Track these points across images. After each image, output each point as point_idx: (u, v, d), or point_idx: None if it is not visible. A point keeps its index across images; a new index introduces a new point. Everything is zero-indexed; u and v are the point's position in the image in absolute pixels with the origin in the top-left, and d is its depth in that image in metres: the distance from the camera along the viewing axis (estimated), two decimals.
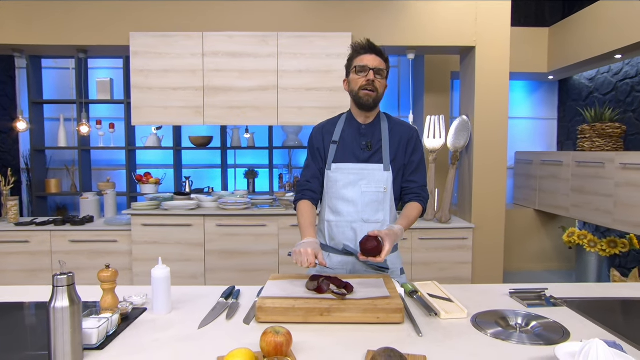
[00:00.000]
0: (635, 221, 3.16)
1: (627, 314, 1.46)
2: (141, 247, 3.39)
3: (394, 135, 1.71)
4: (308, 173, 1.75)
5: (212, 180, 4.86)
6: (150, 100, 3.43)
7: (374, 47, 1.65)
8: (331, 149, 1.70)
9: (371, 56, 1.63)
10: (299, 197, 1.73)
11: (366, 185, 1.65)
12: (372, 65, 1.62)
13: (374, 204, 1.66)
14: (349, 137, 1.70)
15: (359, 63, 1.63)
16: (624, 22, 3.45)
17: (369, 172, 1.66)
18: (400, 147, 1.70)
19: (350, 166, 1.67)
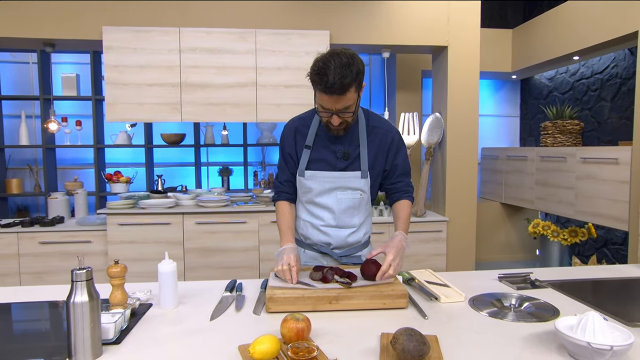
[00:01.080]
0: (594, 211, 3.40)
1: (604, 292, 1.60)
2: (117, 247, 3.31)
3: (372, 139, 1.59)
4: (282, 176, 1.66)
5: (185, 178, 4.78)
6: (125, 97, 3.35)
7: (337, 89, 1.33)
8: (304, 153, 1.57)
9: (332, 98, 1.36)
10: (276, 197, 1.68)
11: (342, 193, 1.58)
12: (335, 108, 1.40)
13: (350, 210, 1.60)
14: (323, 143, 1.57)
15: (321, 102, 1.41)
16: (582, 26, 3.69)
17: (346, 180, 1.57)
18: (380, 153, 1.60)
19: (325, 174, 1.57)
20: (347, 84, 1.34)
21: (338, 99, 1.37)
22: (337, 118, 1.43)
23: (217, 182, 4.72)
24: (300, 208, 1.68)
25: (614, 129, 3.92)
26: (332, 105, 1.40)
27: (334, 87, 1.33)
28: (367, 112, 1.63)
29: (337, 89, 1.34)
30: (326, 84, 1.33)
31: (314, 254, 1.69)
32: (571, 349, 1.00)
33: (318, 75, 1.35)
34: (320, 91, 1.38)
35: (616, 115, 3.90)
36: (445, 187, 3.75)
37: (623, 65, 3.82)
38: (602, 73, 4.05)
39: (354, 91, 1.39)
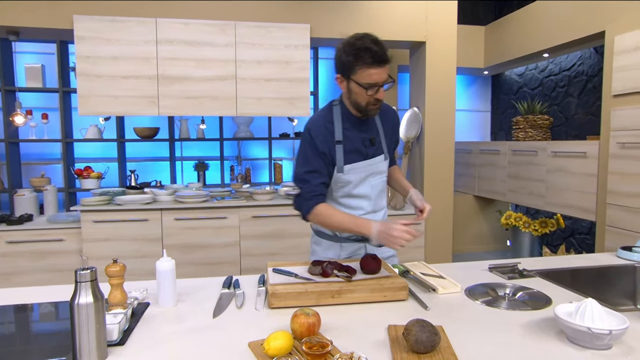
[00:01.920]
0: (563, 203, 3.56)
1: (585, 280, 1.68)
2: (92, 245, 3.20)
3: (385, 123, 1.70)
4: (317, 178, 1.58)
5: (159, 173, 4.66)
6: (98, 89, 3.22)
7: (382, 56, 1.41)
8: (337, 149, 1.58)
9: (381, 69, 1.42)
10: (313, 202, 1.57)
11: (374, 178, 1.65)
12: (382, 79, 1.45)
13: (381, 194, 1.70)
14: (352, 135, 1.60)
15: (368, 80, 1.44)
16: (552, 25, 3.83)
17: (376, 165, 1.65)
18: (390, 132, 1.74)
19: (361, 164, 1.62)
20: (389, 56, 1.44)
21: (385, 69, 1.45)
22: (383, 92, 1.49)
23: (193, 177, 4.63)
24: (333, 205, 1.64)
25: (580, 124, 4.10)
26: (380, 77, 1.44)
27: (383, 57, 1.41)
28: None
29: (385, 58, 1.42)
30: (375, 54, 1.40)
31: (353, 247, 1.70)
32: (571, 334, 1.05)
33: (365, 51, 1.40)
34: (369, 65, 1.42)
35: (582, 110, 4.08)
36: (423, 180, 3.82)
37: (589, 63, 4.00)
38: (569, 70, 4.22)
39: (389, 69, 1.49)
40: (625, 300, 1.71)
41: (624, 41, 2.99)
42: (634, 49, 2.91)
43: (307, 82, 3.53)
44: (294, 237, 3.47)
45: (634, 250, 1.80)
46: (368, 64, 1.42)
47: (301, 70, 3.49)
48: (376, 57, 1.40)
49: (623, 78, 2.99)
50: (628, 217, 2.94)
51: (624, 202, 2.97)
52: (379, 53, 1.40)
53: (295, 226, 3.46)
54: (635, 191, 2.88)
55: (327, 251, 1.72)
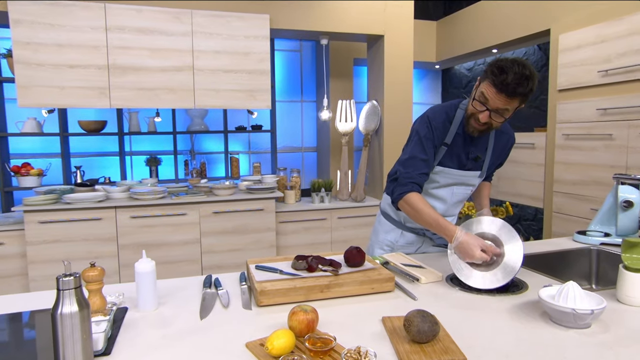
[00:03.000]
0: (514, 191, 3.77)
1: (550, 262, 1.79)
2: (38, 247, 2.96)
3: (497, 144, 1.68)
4: (422, 167, 1.57)
5: (106, 169, 4.40)
6: (41, 79, 2.97)
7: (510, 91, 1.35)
8: (441, 149, 1.61)
9: (501, 96, 1.38)
10: (408, 189, 1.55)
11: (458, 188, 1.68)
12: (494, 106, 1.41)
13: (459, 203, 1.75)
14: (460, 143, 1.61)
15: (484, 91, 1.42)
16: (501, 22, 4.02)
17: (467, 178, 1.67)
18: (499, 156, 1.74)
19: (453, 172, 1.64)
20: (519, 93, 1.37)
21: (504, 100, 1.39)
22: (488, 116, 1.44)
23: (144, 172, 4.42)
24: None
25: (525, 116, 4.35)
26: (494, 102, 1.40)
27: (507, 88, 1.36)
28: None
29: (509, 91, 1.36)
30: (502, 81, 1.35)
31: (412, 237, 1.78)
32: (555, 315, 1.11)
33: (498, 70, 1.37)
34: (491, 84, 1.39)
35: (527, 104, 4.32)
36: (382, 172, 3.89)
37: (533, 59, 4.24)
38: None
39: (517, 103, 1.42)
40: (582, 281, 1.84)
41: (567, 39, 3.19)
42: (577, 47, 3.12)
43: (267, 73, 3.46)
44: (256, 232, 3.41)
45: (588, 234, 1.94)
46: (490, 82, 1.40)
47: (261, 62, 3.42)
48: (504, 83, 1.35)
49: (567, 74, 3.20)
50: (572, 204, 3.16)
51: (568, 190, 3.19)
52: (508, 82, 1.34)
53: (258, 221, 3.41)
54: (579, 179, 3.11)
55: (388, 234, 1.81)
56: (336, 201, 3.88)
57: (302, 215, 3.64)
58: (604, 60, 2.90)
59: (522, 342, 1.03)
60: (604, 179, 2.91)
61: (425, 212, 1.50)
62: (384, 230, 1.83)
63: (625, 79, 2.77)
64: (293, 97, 4.84)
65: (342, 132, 3.96)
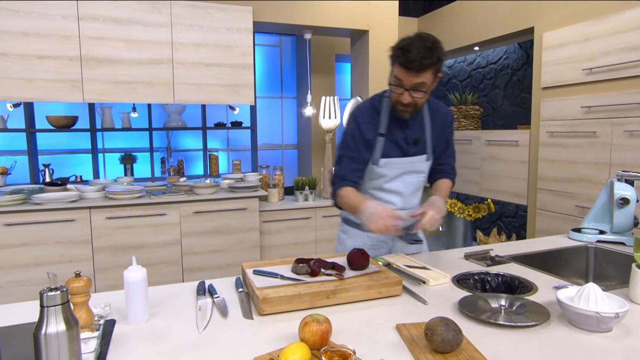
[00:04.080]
0: (497, 188, 3.78)
1: (549, 260, 1.76)
2: (5, 251, 2.76)
3: (435, 123, 1.66)
4: (351, 164, 1.59)
5: (77, 167, 4.17)
6: (5, 70, 2.77)
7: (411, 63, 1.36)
8: (379, 141, 1.58)
9: (409, 73, 1.39)
10: (339, 185, 1.58)
11: (409, 177, 1.64)
12: (409, 84, 1.42)
13: (415, 193, 1.69)
14: (396, 130, 1.59)
15: (396, 74, 1.44)
16: (483, 19, 4.02)
17: (415, 165, 1.63)
18: (441, 135, 1.68)
19: (399, 161, 1.60)
20: (426, 65, 1.38)
21: (415, 76, 1.39)
22: (408, 96, 1.44)
23: (118, 171, 4.21)
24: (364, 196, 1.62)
25: (506, 114, 4.39)
26: (407, 81, 1.41)
27: (414, 64, 1.37)
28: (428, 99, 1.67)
29: (416, 66, 1.37)
30: (407, 59, 1.37)
31: (379, 238, 1.70)
32: (575, 318, 1.06)
33: (401, 50, 1.39)
34: (400, 65, 1.41)
35: (508, 102, 4.36)
36: None
37: (514, 57, 4.27)
38: (496, 63, 4.49)
39: (431, 75, 1.42)
40: (579, 279, 1.83)
41: (551, 37, 3.21)
42: (560, 46, 3.14)
43: (250, 68, 3.34)
44: (239, 232, 3.30)
45: (583, 232, 1.93)
46: (399, 64, 1.41)
47: (244, 56, 3.30)
48: (406, 60, 1.37)
49: (551, 72, 3.22)
50: (556, 201, 3.19)
51: (552, 187, 3.22)
52: (410, 58, 1.36)
53: (241, 221, 3.29)
54: (562, 176, 3.13)
55: (354, 239, 1.73)
56: (320, 199, 3.80)
57: (286, 214, 3.54)
58: (588, 58, 2.93)
59: (546, 347, 0.97)
60: (588, 176, 2.94)
61: (349, 199, 1.53)
62: (350, 237, 1.76)
63: (610, 77, 2.80)
64: (273, 93, 4.73)
65: (326, 128, 3.88)
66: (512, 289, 1.41)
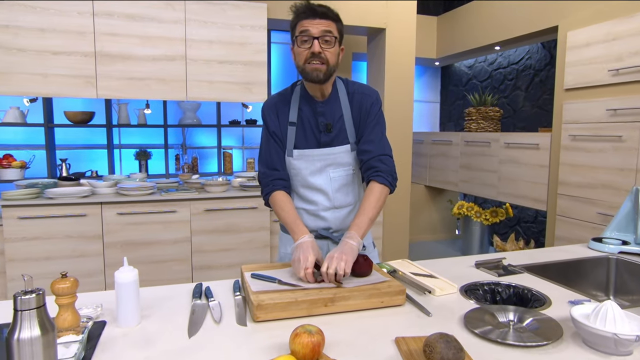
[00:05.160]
0: (515, 193, 3.66)
1: (565, 272, 1.67)
2: (18, 245, 2.79)
3: (354, 107, 1.49)
4: (271, 159, 1.51)
5: (93, 162, 4.21)
6: (22, 65, 2.79)
7: (314, 8, 1.36)
8: (289, 131, 1.48)
9: (314, 20, 1.35)
10: (269, 189, 1.49)
11: (334, 171, 1.50)
12: (316, 32, 1.34)
13: (343, 188, 1.52)
14: (308, 118, 1.48)
15: (300, 28, 1.37)
16: (504, 18, 3.89)
17: (335, 156, 1.48)
18: (362, 119, 1.49)
19: (314, 152, 1.48)
20: (330, 15, 1.38)
21: (321, 22, 1.36)
22: (318, 45, 1.36)
23: (133, 167, 4.24)
24: (292, 197, 1.54)
25: (527, 116, 4.25)
26: (314, 28, 1.35)
27: (317, 9, 1.36)
28: (346, 80, 1.55)
29: (321, 11, 1.36)
30: (309, 6, 1.37)
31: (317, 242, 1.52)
32: (591, 339, 0.98)
33: (300, 6, 1.38)
34: (302, 17, 1.37)
35: (529, 103, 4.22)
36: None
37: (536, 57, 4.13)
38: (517, 64, 4.34)
39: (335, 28, 1.39)
40: (599, 292, 1.73)
41: (576, 37, 3.08)
42: (585, 45, 3.01)
43: (264, 66, 3.31)
44: (249, 231, 3.27)
45: (605, 242, 1.82)
46: (302, 17, 1.38)
47: (258, 53, 3.27)
48: (309, 7, 1.37)
49: (575, 72, 3.08)
50: (577, 207, 3.06)
51: (574, 193, 3.08)
52: (313, 6, 1.36)
53: (251, 220, 3.26)
54: (585, 182, 3.00)
55: (287, 247, 1.59)
56: None
57: None
58: (615, 58, 2.79)
59: None
60: (612, 182, 2.81)
61: (280, 212, 1.45)
62: (283, 244, 1.63)
63: (638, 79, 2.66)
64: None
65: None
66: (524, 301, 1.33)
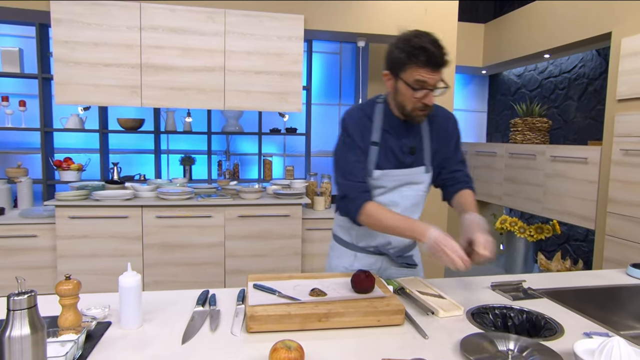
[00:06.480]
0: (561, 209, 3.44)
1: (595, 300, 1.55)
2: (67, 242, 3.01)
3: (435, 129, 1.53)
4: (357, 171, 1.45)
5: (143, 166, 4.47)
6: (77, 77, 3.03)
7: (437, 61, 1.29)
8: (372, 150, 1.46)
9: (434, 73, 1.31)
10: (361, 201, 1.42)
11: (407, 189, 1.52)
12: (433, 84, 1.33)
13: (413, 207, 1.54)
14: (391, 139, 1.48)
15: (419, 77, 1.31)
16: (555, 24, 3.70)
17: (412, 176, 1.51)
18: (442, 142, 1.54)
19: (395, 172, 1.49)
20: (447, 59, 1.33)
21: (439, 73, 1.33)
22: (432, 97, 1.35)
23: (179, 171, 4.45)
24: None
25: (579, 127, 3.99)
26: (432, 80, 1.32)
27: (439, 60, 1.30)
28: None
29: (441, 61, 1.30)
30: (431, 55, 1.28)
31: (367, 259, 1.59)
32: None
33: (419, 50, 1.28)
34: (421, 65, 1.30)
35: (582, 114, 3.96)
36: None
37: (590, 65, 3.88)
38: (570, 72, 4.10)
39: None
40: (636, 323, 1.59)
41: (631, 44, 2.86)
42: None
43: (299, 76, 3.36)
44: (281, 238, 3.32)
45: None
46: (420, 65, 1.29)
47: (294, 64, 3.32)
48: (431, 58, 1.28)
49: (629, 82, 2.87)
50: (629, 227, 2.83)
51: (625, 211, 2.86)
52: (436, 54, 1.28)
53: (283, 227, 3.31)
54: (637, 200, 2.77)
55: (341, 259, 1.62)
56: None
57: (331, 223, 3.49)
58: None
59: None
60: None
61: (391, 220, 1.38)
62: (336, 255, 1.64)
63: None
64: (331, 100, 4.72)
65: None
66: (537, 329, 1.25)
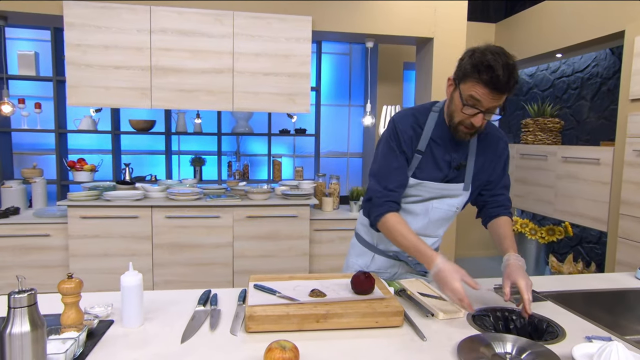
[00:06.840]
0: (573, 211, 3.39)
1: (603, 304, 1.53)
2: (79, 241, 3.07)
3: (483, 147, 1.46)
4: (392, 179, 1.40)
5: (154, 167, 4.53)
6: (89, 79, 3.08)
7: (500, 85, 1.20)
8: (414, 158, 1.41)
9: (493, 94, 1.23)
10: (383, 209, 1.39)
11: (440, 203, 1.46)
12: (488, 106, 1.25)
13: (440, 221, 1.50)
14: (438, 150, 1.41)
15: (474, 93, 1.25)
16: (566, 23, 3.64)
17: (449, 191, 1.46)
18: (487, 161, 1.47)
19: (435, 185, 1.43)
20: (512, 86, 1.23)
21: (497, 98, 1.24)
22: (482, 119, 1.27)
23: (189, 172, 4.50)
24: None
25: (592, 128, 3.92)
26: (488, 102, 1.24)
27: (500, 83, 1.20)
28: None
29: (503, 86, 1.21)
30: (496, 78, 1.19)
31: (384, 262, 1.58)
32: None
33: (487, 68, 1.20)
34: (483, 84, 1.22)
35: (595, 114, 3.90)
36: None
37: (604, 64, 3.81)
38: (583, 72, 4.04)
39: (505, 98, 1.27)
40: None
41: None
42: None
43: (307, 77, 3.37)
44: (289, 238, 3.33)
45: None
46: (481, 82, 1.22)
47: (302, 65, 3.34)
48: (494, 79, 1.20)
49: None
50: None
51: (638, 213, 2.80)
52: (500, 78, 1.19)
53: (291, 228, 3.32)
54: None
55: (359, 257, 1.63)
56: None
57: (338, 224, 3.50)
58: None
59: None
60: None
61: (402, 237, 1.35)
62: (355, 254, 1.64)
63: None
64: (340, 101, 4.72)
65: None
66: (539, 332, 1.24)
